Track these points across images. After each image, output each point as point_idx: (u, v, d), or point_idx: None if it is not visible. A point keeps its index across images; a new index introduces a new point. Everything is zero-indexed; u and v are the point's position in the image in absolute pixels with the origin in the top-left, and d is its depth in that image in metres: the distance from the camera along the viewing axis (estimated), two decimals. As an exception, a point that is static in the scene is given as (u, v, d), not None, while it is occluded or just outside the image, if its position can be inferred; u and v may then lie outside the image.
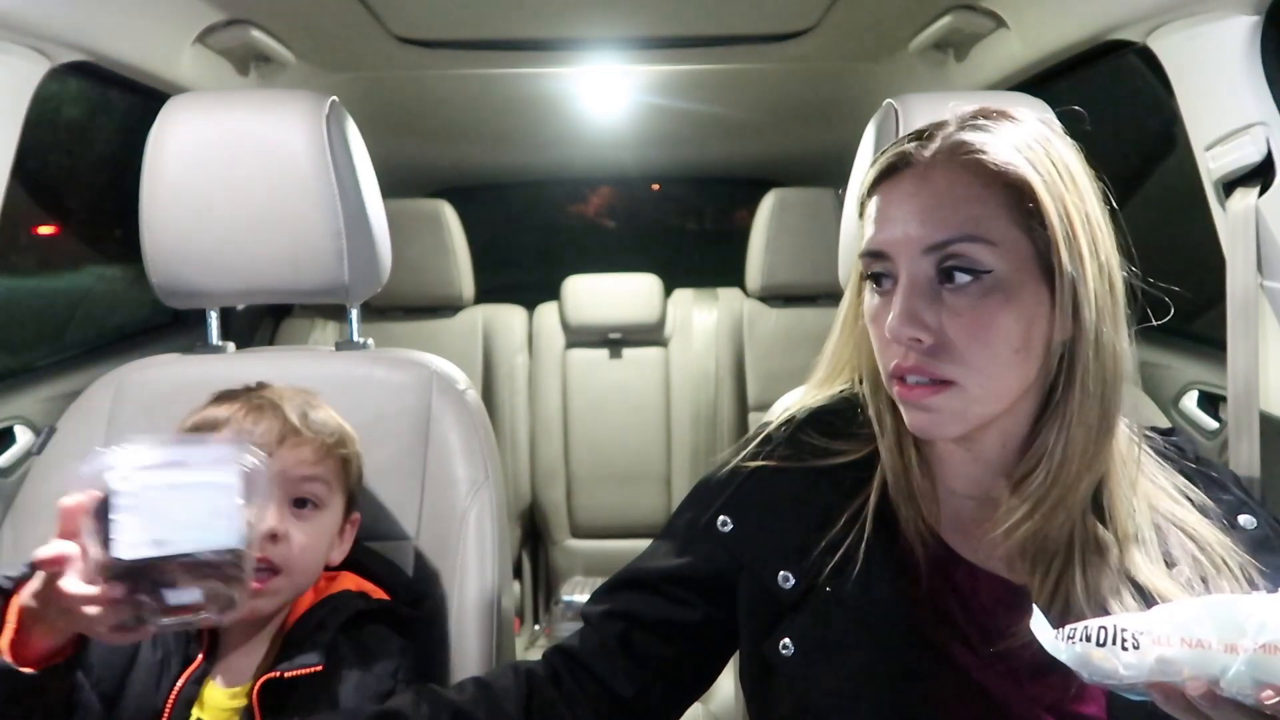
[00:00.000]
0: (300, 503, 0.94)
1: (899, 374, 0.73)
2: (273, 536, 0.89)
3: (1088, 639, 0.56)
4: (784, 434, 0.86)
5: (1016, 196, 0.71)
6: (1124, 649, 0.55)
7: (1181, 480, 0.80)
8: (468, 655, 1.07)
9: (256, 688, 0.86)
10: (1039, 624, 0.59)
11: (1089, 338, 0.71)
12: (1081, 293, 0.70)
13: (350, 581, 0.99)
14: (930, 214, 0.71)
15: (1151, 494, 0.78)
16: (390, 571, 1.05)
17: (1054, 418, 0.73)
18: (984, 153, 0.72)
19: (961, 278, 0.70)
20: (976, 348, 0.70)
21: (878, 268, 0.75)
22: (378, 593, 1.00)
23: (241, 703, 0.89)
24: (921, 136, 0.75)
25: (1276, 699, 0.51)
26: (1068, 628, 0.57)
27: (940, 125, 0.76)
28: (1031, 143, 0.72)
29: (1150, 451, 0.81)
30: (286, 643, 0.91)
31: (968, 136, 0.73)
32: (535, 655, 0.89)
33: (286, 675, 0.86)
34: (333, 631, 0.91)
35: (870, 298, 0.77)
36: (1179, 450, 0.83)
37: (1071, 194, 0.71)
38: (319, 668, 0.87)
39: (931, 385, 0.72)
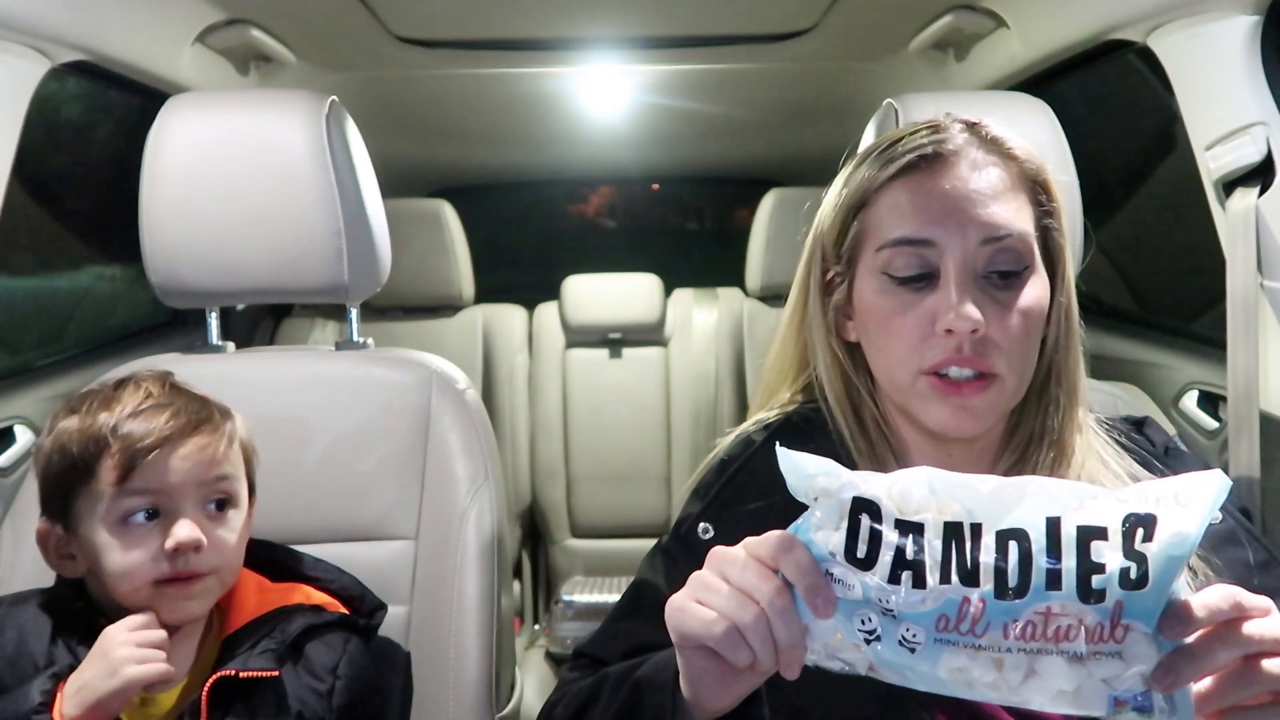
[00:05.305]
0: (219, 503, 0.87)
1: (943, 368, 0.72)
2: (197, 548, 0.83)
3: None
4: (761, 438, 0.85)
5: (1036, 194, 0.74)
6: None
7: (1140, 469, 0.79)
8: (468, 655, 1.07)
9: (208, 686, 0.83)
10: None
11: (1074, 326, 0.77)
12: (1072, 290, 0.77)
13: (301, 595, 0.96)
14: (985, 204, 0.72)
15: (1099, 477, 0.77)
16: (345, 584, 1.00)
17: (1047, 398, 0.76)
18: (1015, 149, 0.74)
19: (1011, 271, 0.72)
20: (1020, 340, 0.72)
21: (913, 259, 0.73)
22: (334, 605, 0.97)
23: (162, 709, 0.85)
24: (935, 130, 0.75)
25: None
26: None
27: (946, 123, 0.76)
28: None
29: (1104, 436, 0.81)
30: (230, 645, 0.88)
31: (997, 133, 0.75)
32: (535, 655, 0.88)
33: (242, 675, 0.83)
34: (281, 643, 0.88)
35: (887, 294, 0.75)
36: (1150, 442, 0.84)
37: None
38: (275, 673, 0.85)
39: (977, 380, 0.71)
